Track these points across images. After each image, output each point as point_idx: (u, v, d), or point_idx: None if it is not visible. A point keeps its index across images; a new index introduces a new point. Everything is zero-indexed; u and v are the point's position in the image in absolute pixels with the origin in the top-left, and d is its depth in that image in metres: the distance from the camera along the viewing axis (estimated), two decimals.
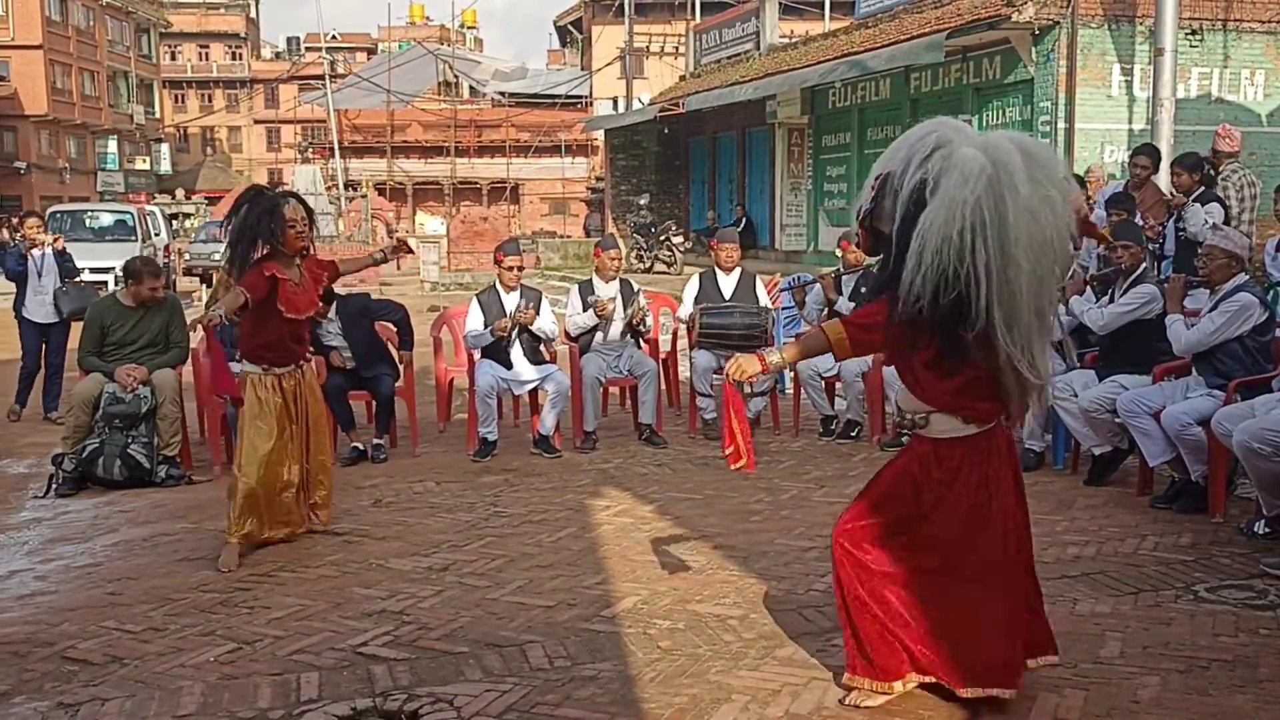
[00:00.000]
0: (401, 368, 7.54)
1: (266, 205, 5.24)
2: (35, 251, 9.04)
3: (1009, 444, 3.47)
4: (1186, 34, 14.27)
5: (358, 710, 3.51)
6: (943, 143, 3.21)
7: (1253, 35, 15.15)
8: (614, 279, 7.80)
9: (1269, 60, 15.25)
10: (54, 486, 6.63)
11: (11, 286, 9.38)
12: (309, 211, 5.40)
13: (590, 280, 7.90)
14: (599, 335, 7.66)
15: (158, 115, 59.59)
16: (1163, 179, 9.61)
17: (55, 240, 9.36)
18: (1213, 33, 14.97)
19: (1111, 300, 6.25)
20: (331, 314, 7.16)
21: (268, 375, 5.32)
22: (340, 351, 7.22)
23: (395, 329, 7.60)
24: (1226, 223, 7.82)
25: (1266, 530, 5.01)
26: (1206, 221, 7.40)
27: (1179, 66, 13.40)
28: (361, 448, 7.13)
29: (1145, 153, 8.84)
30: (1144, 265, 6.30)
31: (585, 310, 7.62)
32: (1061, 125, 14.69)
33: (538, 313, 7.26)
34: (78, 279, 9.44)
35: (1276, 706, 3.39)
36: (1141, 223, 7.96)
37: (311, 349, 6.01)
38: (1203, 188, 7.86)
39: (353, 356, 7.24)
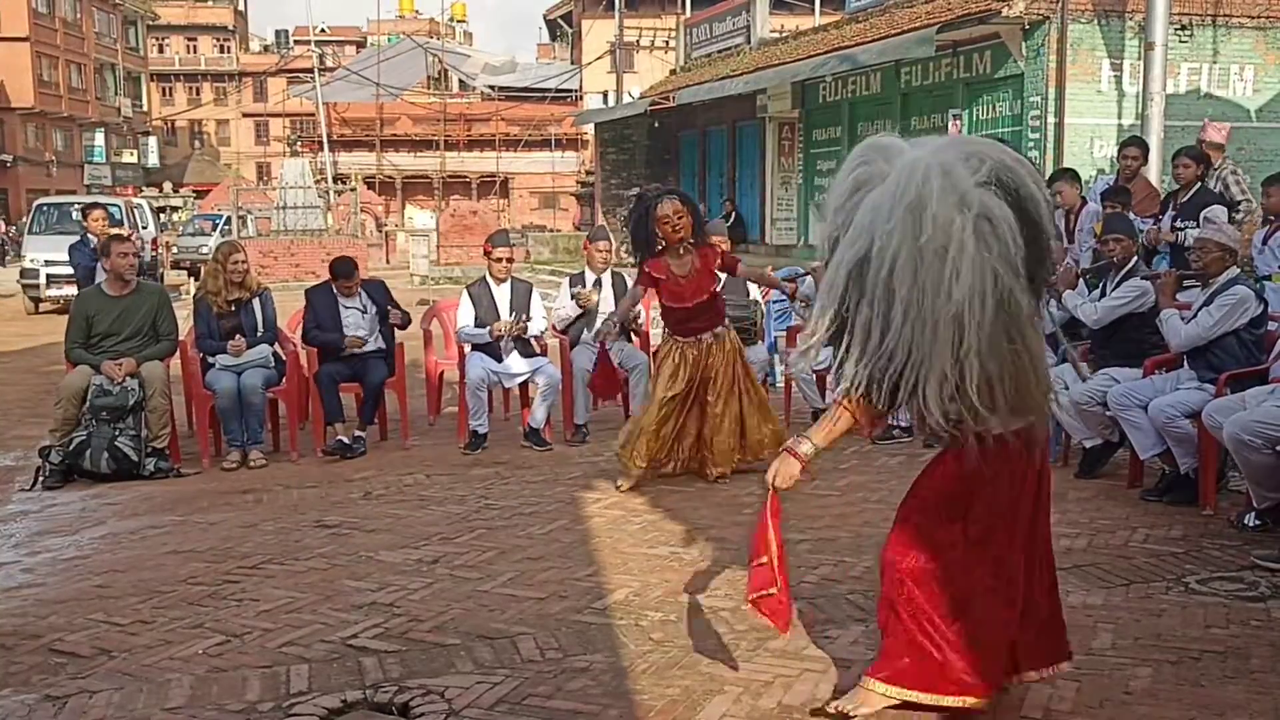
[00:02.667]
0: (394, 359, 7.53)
1: (641, 210, 6.08)
2: None
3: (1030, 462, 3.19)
4: (1176, 29, 14.27)
5: (348, 702, 3.49)
6: (860, 184, 3.01)
7: (1242, 30, 15.17)
8: (604, 271, 7.79)
9: (1258, 55, 15.27)
10: (41, 479, 6.59)
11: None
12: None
13: (582, 273, 7.88)
14: (588, 330, 7.65)
15: (145, 108, 59.34)
16: (1152, 172, 9.63)
17: (129, 235, 9.22)
18: (1202, 28, 14.98)
19: (1104, 294, 6.25)
20: (365, 301, 7.40)
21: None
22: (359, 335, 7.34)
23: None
24: (1233, 216, 7.80)
25: (1257, 523, 5.02)
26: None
27: (1169, 62, 13.41)
28: (346, 440, 7.09)
29: (1134, 144, 8.82)
30: (1135, 258, 6.30)
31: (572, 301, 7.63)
32: (1051, 120, 14.69)
33: (528, 310, 7.30)
34: (142, 275, 9.32)
35: (1268, 697, 3.39)
36: (1134, 216, 7.96)
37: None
38: (1200, 182, 7.79)
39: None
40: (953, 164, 2.89)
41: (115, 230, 9.15)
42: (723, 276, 7.78)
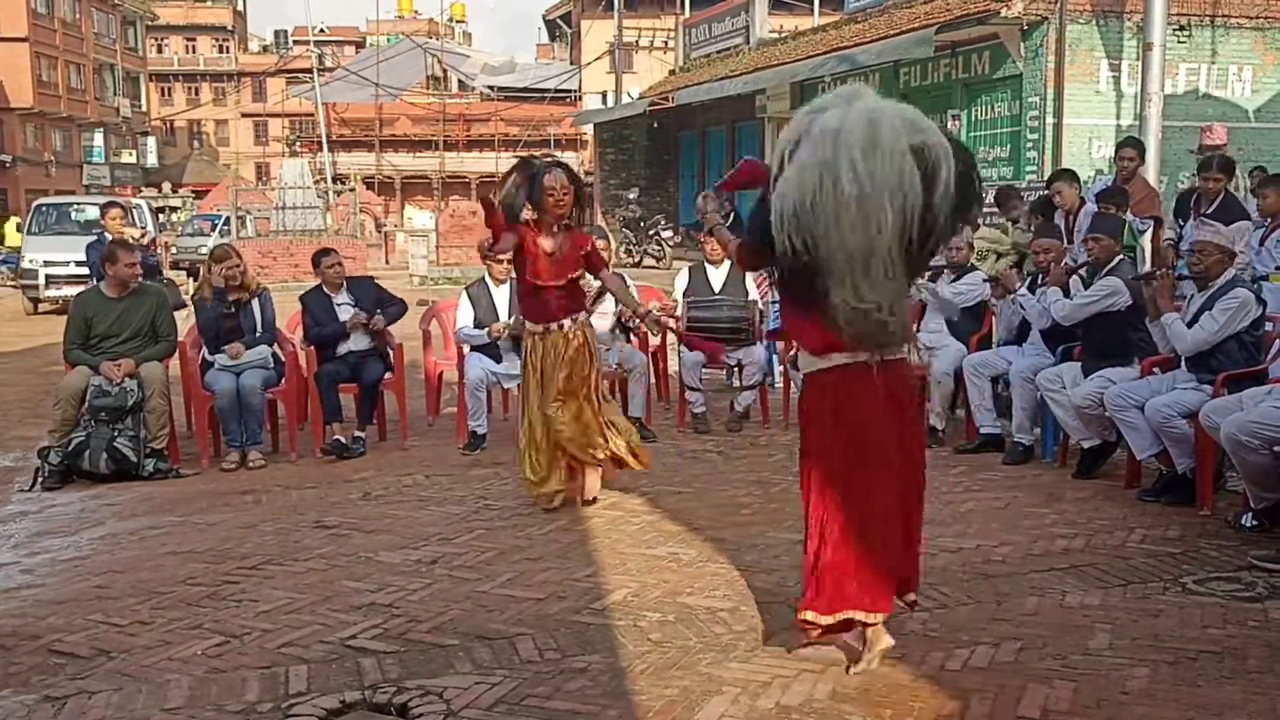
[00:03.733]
0: (393, 354, 7.54)
1: (527, 174, 5.56)
2: None
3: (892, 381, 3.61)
4: (1175, 29, 14.30)
5: (347, 703, 3.50)
6: (815, 111, 3.53)
7: (1240, 31, 15.20)
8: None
9: (1256, 56, 15.30)
10: (40, 480, 6.59)
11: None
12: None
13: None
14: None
15: (144, 108, 59.31)
16: (1150, 173, 9.63)
17: (141, 235, 9.20)
18: (1201, 28, 15.01)
19: None
20: (345, 296, 7.41)
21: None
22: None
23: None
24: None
25: (1254, 523, 5.03)
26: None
27: (1167, 62, 13.44)
28: (344, 440, 7.10)
29: (1130, 145, 8.79)
30: (1119, 259, 6.31)
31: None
32: (1050, 120, 14.72)
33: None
34: (160, 277, 9.31)
35: (1264, 697, 3.40)
36: (1133, 217, 7.97)
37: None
38: (1225, 191, 7.74)
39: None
40: (907, 120, 3.41)
41: (130, 230, 9.08)
42: (685, 277, 7.82)
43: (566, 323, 5.67)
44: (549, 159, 5.69)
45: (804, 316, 3.62)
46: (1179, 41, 14.62)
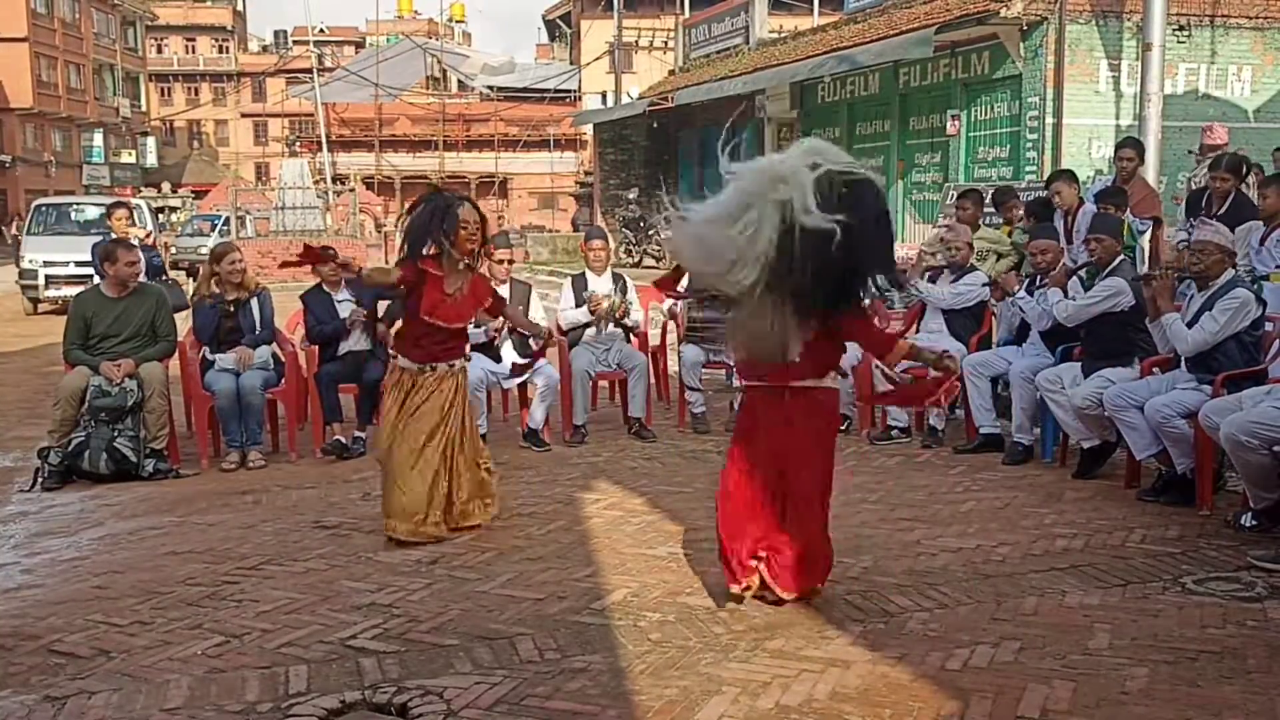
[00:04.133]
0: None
1: (441, 204, 5.23)
2: None
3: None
4: (1174, 29, 14.28)
5: (347, 703, 3.50)
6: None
7: (1240, 31, 15.19)
8: (605, 271, 7.80)
9: (1256, 56, 15.29)
10: (40, 480, 6.59)
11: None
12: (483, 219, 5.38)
13: (583, 274, 7.88)
14: (590, 329, 7.66)
15: (144, 108, 59.32)
16: (1150, 173, 9.63)
17: (146, 236, 9.16)
18: (1200, 28, 15.00)
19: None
20: (345, 293, 7.37)
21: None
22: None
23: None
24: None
25: (1254, 523, 5.03)
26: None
27: (1166, 62, 13.42)
28: (344, 441, 7.09)
29: (1130, 145, 8.78)
30: (1120, 259, 6.31)
31: (579, 305, 7.62)
32: (1049, 120, 14.70)
33: (528, 311, 7.28)
34: (164, 277, 9.26)
35: (1264, 697, 3.41)
36: (1132, 217, 7.96)
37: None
38: (1236, 192, 7.72)
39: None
40: (810, 163, 3.99)
41: (135, 231, 9.05)
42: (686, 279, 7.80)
43: (442, 366, 5.33)
44: (460, 195, 5.44)
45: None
46: (1178, 42, 14.61)
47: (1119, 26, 14.76)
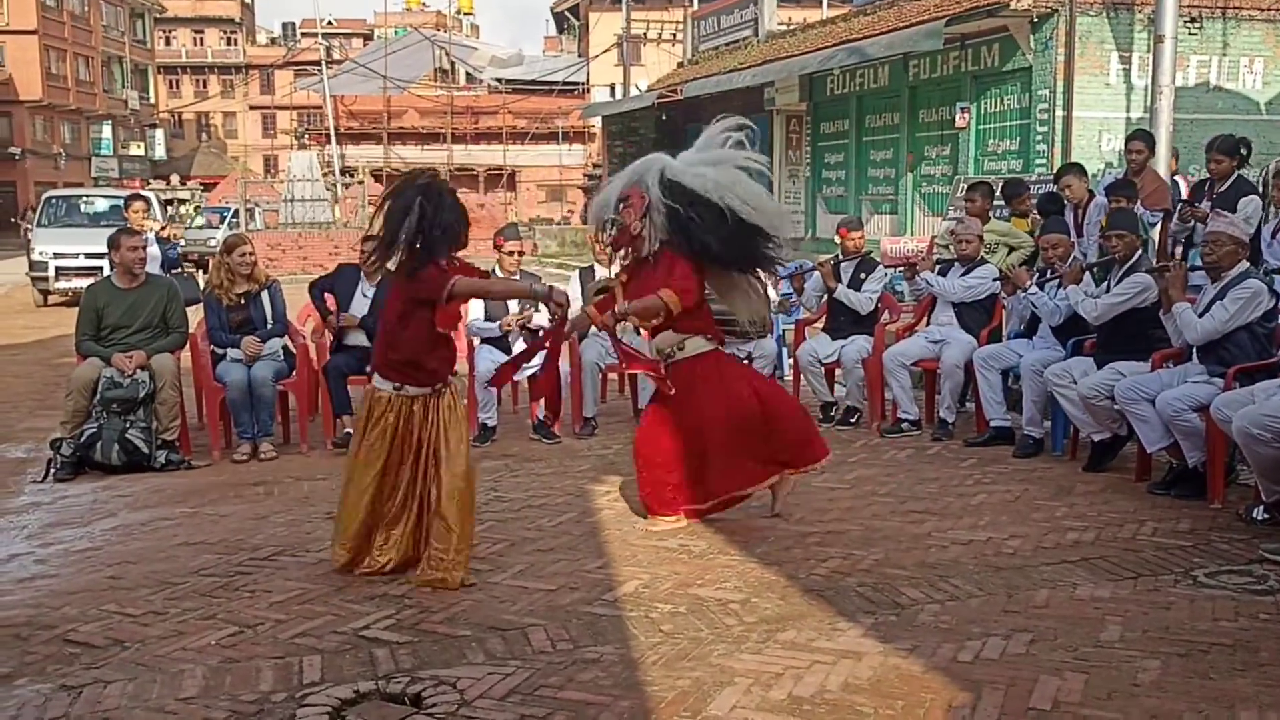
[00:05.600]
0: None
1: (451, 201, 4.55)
2: None
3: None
4: (1186, 21, 14.23)
5: (361, 693, 3.51)
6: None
7: (1252, 23, 15.13)
8: (613, 264, 7.78)
9: (1268, 48, 15.23)
10: (52, 471, 6.62)
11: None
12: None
13: (591, 266, 7.89)
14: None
15: (152, 101, 59.42)
16: (1161, 165, 9.59)
17: (162, 229, 9.14)
18: (1212, 20, 14.95)
19: (1108, 290, 6.25)
20: (372, 289, 7.24)
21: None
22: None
23: None
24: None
25: (1266, 516, 5.03)
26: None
27: (1178, 54, 13.35)
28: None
29: (1140, 138, 8.72)
30: (1139, 253, 6.30)
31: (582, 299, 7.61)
32: (1059, 113, 14.67)
33: (536, 309, 7.28)
34: (178, 269, 9.24)
35: (1277, 690, 3.40)
36: (1143, 210, 7.93)
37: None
38: (1238, 174, 7.70)
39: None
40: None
41: (151, 224, 9.05)
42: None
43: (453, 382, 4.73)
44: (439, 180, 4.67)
45: None
46: (1190, 34, 14.55)
47: (1130, 18, 14.72)
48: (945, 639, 3.83)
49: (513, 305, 7.34)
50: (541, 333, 5.83)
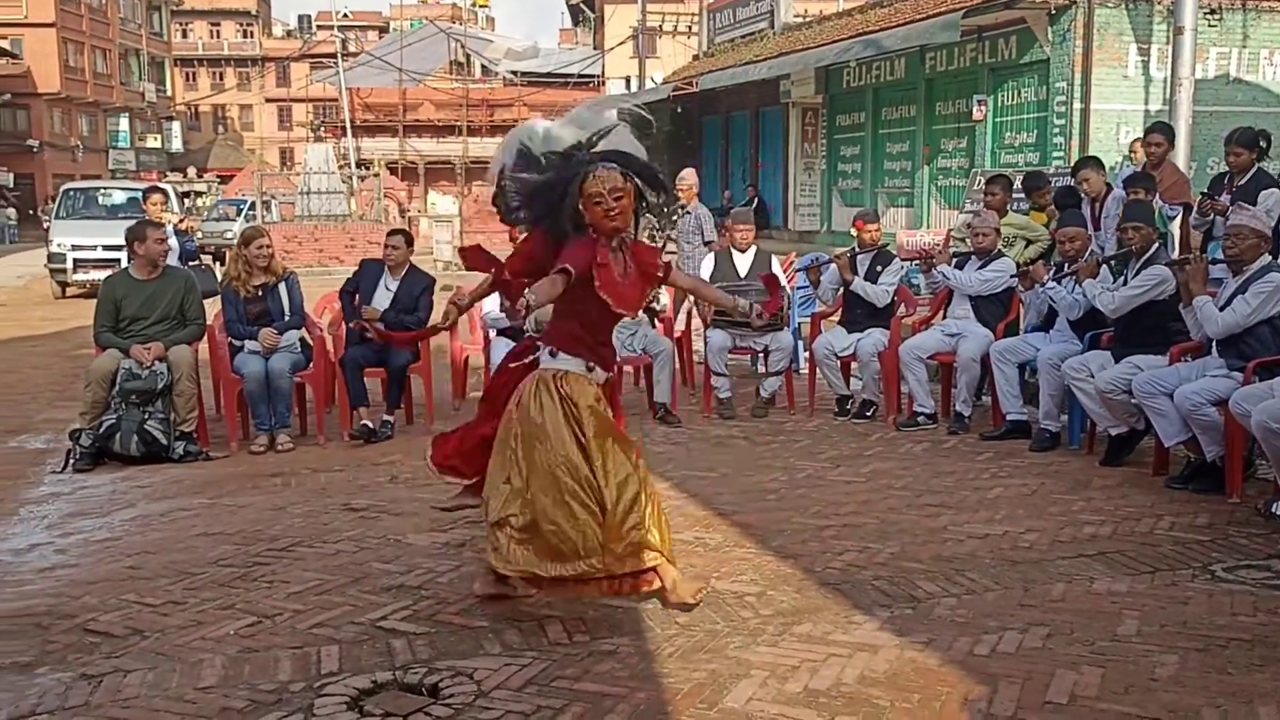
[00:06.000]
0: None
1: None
2: None
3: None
4: (1205, 13, 14.16)
5: (378, 683, 3.53)
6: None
7: (1273, 15, 15.03)
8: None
9: None
10: (71, 462, 6.67)
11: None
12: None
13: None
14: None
15: (169, 93, 59.64)
16: (1180, 158, 9.53)
17: (179, 220, 9.15)
18: (1232, 12, 14.86)
19: (1125, 283, 6.22)
20: (394, 283, 7.28)
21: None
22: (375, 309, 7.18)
23: None
24: None
25: None
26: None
27: (1197, 46, 13.29)
28: (371, 425, 7.13)
29: (1159, 130, 8.67)
30: (1156, 246, 6.27)
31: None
32: (1077, 106, 14.62)
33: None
34: (196, 262, 9.26)
35: None
36: (1162, 203, 7.89)
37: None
38: (1258, 166, 7.65)
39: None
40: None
41: (169, 215, 9.07)
42: (710, 263, 7.70)
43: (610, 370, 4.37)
44: (594, 150, 4.21)
45: None
46: (1209, 25, 14.47)
47: (1149, 10, 14.64)
48: (961, 632, 3.83)
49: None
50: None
